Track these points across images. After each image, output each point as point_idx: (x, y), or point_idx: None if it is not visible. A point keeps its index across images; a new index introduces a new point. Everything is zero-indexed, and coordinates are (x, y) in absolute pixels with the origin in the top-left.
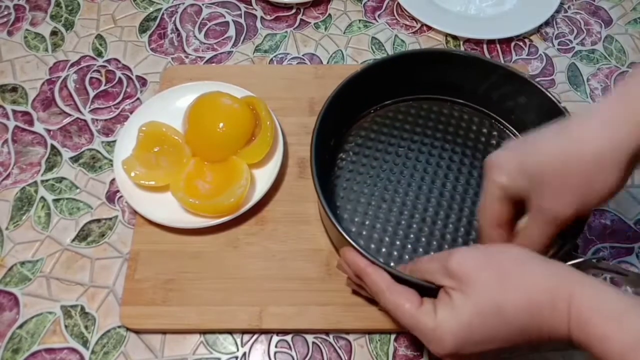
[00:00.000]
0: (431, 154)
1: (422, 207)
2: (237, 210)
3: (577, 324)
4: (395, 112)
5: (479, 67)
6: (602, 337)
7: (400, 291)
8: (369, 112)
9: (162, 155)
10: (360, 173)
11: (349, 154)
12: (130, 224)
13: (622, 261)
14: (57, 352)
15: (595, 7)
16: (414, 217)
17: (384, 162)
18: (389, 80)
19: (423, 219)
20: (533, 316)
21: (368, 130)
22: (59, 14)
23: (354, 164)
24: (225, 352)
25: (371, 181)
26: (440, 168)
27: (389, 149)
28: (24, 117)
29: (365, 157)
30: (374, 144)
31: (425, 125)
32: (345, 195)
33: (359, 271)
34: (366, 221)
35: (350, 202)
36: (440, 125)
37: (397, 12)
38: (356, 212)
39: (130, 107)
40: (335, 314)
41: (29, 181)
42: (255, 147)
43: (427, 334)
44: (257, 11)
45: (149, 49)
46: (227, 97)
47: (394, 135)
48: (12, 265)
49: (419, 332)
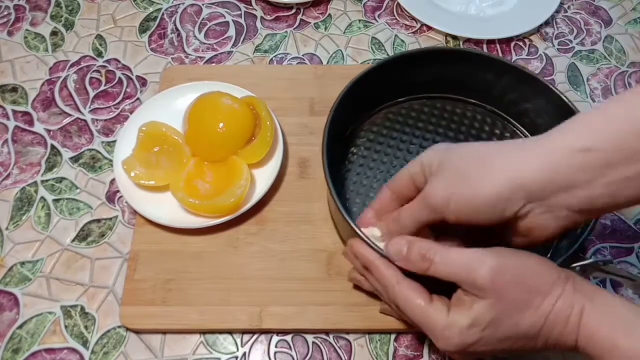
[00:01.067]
0: None
1: None
2: (237, 210)
3: (586, 335)
4: (409, 110)
5: (495, 67)
6: (611, 346)
7: (411, 286)
8: (382, 108)
9: (162, 155)
10: (371, 168)
11: (360, 149)
12: (130, 224)
13: (622, 261)
14: (57, 352)
15: (595, 7)
16: None
17: (394, 159)
18: (402, 78)
19: None
20: (545, 331)
21: (380, 126)
22: (59, 14)
23: (364, 159)
24: (225, 352)
25: (381, 176)
26: None
27: (401, 145)
28: (24, 117)
29: (377, 152)
30: (385, 140)
31: (437, 124)
32: (355, 189)
33: (368, 264)
34: None
35: (359, 196)
36: (452, 124)
37: (397, 12)
38: (365, 206)
39: (130, 107)
40: (335, 314)
41: (29, 181)
42: (255, 147)
43: (436, 331)
44: (257, 11)
45: (149, 49)
46: (227, 97)
47: (405, 132)
48: (12, 265)
49: (428, 328)
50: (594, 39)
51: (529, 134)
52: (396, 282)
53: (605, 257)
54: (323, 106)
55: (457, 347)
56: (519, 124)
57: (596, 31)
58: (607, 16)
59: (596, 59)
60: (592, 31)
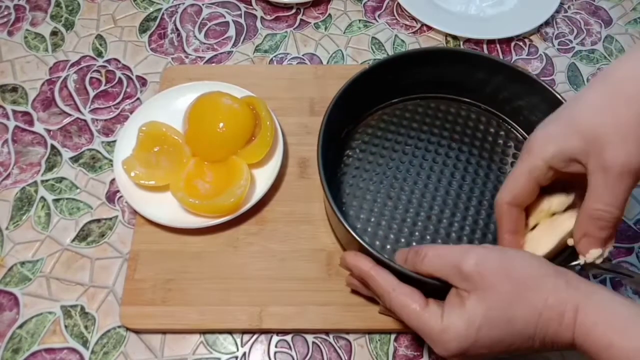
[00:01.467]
0: (438, 152)
1: (427, 206)
2: (237, 210)
3: (582, 333)
4: (403, 111)
5: (488, 66)
6: (607, 345)
7: (406, 292)
8: (376, 110)
9: (162, 155)
10: (367, 170)
11: (356, 151)
12: (130, 224)
13: (622, 261)
14: (57, 352)
15: (595, 7)
16: (419, 215)
17: (390, 160)
18: (397, 79)
19: (428, 217)
20: (540, 329)
21: (375, 127)
22: (59, 14)
23: (360, 161)
24: (225, 352)
25: (377, 178)
26: (447, 167)
27: (396, 147)
28: (24, 117)
29: (372, 154)
30: (380, 142)
31: (432, 124)
32: (352, 192)
33: (363, 274)
34: (372, 218)
35: (356, 199)
36: (447, 124)
37: (397, 12)
38: (362, 209)
39: (130, 107)
40: (335, 314)
41: (29, 181)
42: (255, 147)
43: (433, 335)
44: (257, 11)
45: (149, 49)
46: (227, 97)
47: (400, 134)
48: (12, 265)
49: (425, 334)
50: (594, 39)
51: (524, 132)
52: (392, 289)
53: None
54: (323, 106)
55: (454, 351)
56: (513, 121)
57: (596, 31)
58: (607, 16)
59: (596, 59)
60: (592, 31)
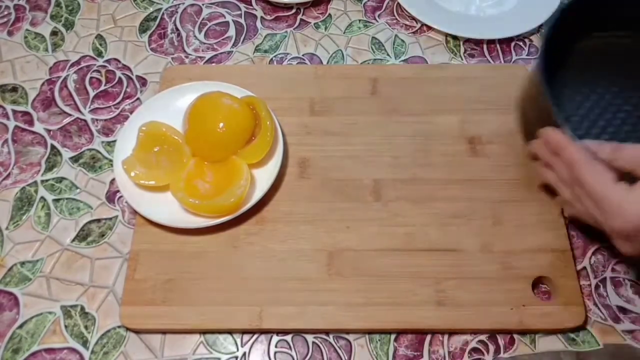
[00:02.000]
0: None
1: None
2: (237, 210)
3: None
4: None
5: None
6: None
7: (600, 164)
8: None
9: (162, 155)
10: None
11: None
12: (130, 224)
13: (622, 261)
14: (57, 352)
15: None
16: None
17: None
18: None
19: None
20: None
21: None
22: (59, 14)
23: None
24: (225, 352)
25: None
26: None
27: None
28: (24, 117)
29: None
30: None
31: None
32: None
33: (560, 145)
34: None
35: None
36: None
37: (397, 12)
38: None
39: (130, 107)
40: (335, 314)
41: (29, 181)
42: (255, 147)
43: (615, 206)
44: (257, 11)
45: (149, 49)
46: (227, 97)
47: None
48: (12, 265)
49: (609, 203)
50: None
51: None
52: (585, 160)
53: (605, 256)
54: (323, 106)
55: (633, 222)
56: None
57: None
58: None
59: None
60: None
